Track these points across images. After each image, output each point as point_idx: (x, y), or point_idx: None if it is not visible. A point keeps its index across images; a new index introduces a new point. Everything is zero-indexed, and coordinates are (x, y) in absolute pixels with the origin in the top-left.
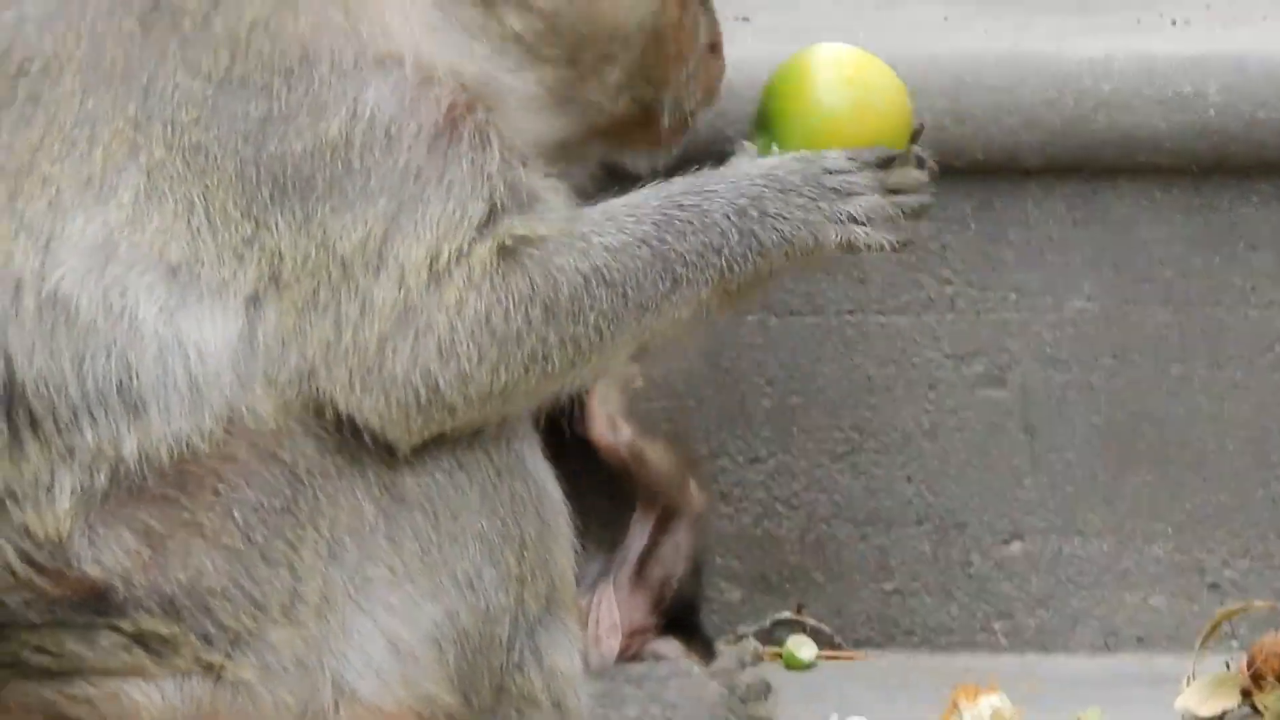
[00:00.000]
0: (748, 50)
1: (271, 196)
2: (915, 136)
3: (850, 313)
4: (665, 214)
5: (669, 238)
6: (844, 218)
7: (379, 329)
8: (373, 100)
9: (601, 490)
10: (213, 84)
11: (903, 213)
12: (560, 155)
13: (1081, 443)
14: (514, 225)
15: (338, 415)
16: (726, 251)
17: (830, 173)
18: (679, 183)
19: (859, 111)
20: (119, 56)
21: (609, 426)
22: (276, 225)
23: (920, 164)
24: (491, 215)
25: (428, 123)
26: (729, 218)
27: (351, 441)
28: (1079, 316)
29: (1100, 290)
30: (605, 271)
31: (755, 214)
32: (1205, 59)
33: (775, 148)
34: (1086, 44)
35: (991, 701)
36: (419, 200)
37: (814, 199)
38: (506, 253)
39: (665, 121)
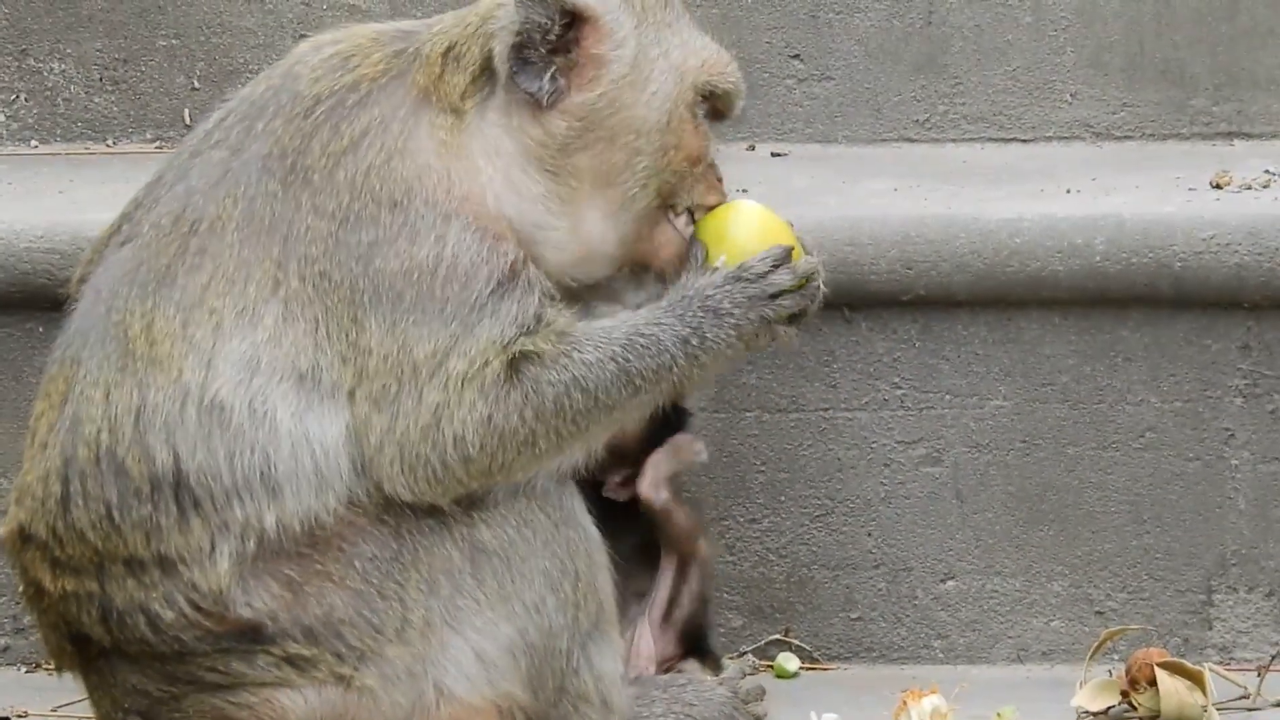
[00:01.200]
0: None
1: (370, 301)
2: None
3: (824, 410)
4: (629, 339)
5: (631, 358)
6: (768, 321)
7: (423, 421)
8: (454, 242)
9: (636, 552)
10: (335, 221)
11: (808, 306)
12: (588, 286)
13: (999, 506)
14: (524, 343)
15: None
16: (675, 369)
17: (757, 279)
18: (643, 312)
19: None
20: (265, 213)
21: (653, 487)
22: (370, 325)
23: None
24: (514, 339)
25: (496, 271)
26: (676, 344)
27: (438, 508)
28: (997, 412)
29: (1013, 392)
30: (582, 381)
31: (696, 341)
32: (1092, 218)
33: (723, 259)
34: (1002, 208)
35: (932, 701)
36: (477, 325)
37: (745, 311)
38: (510, 367)
39: (680, 209)
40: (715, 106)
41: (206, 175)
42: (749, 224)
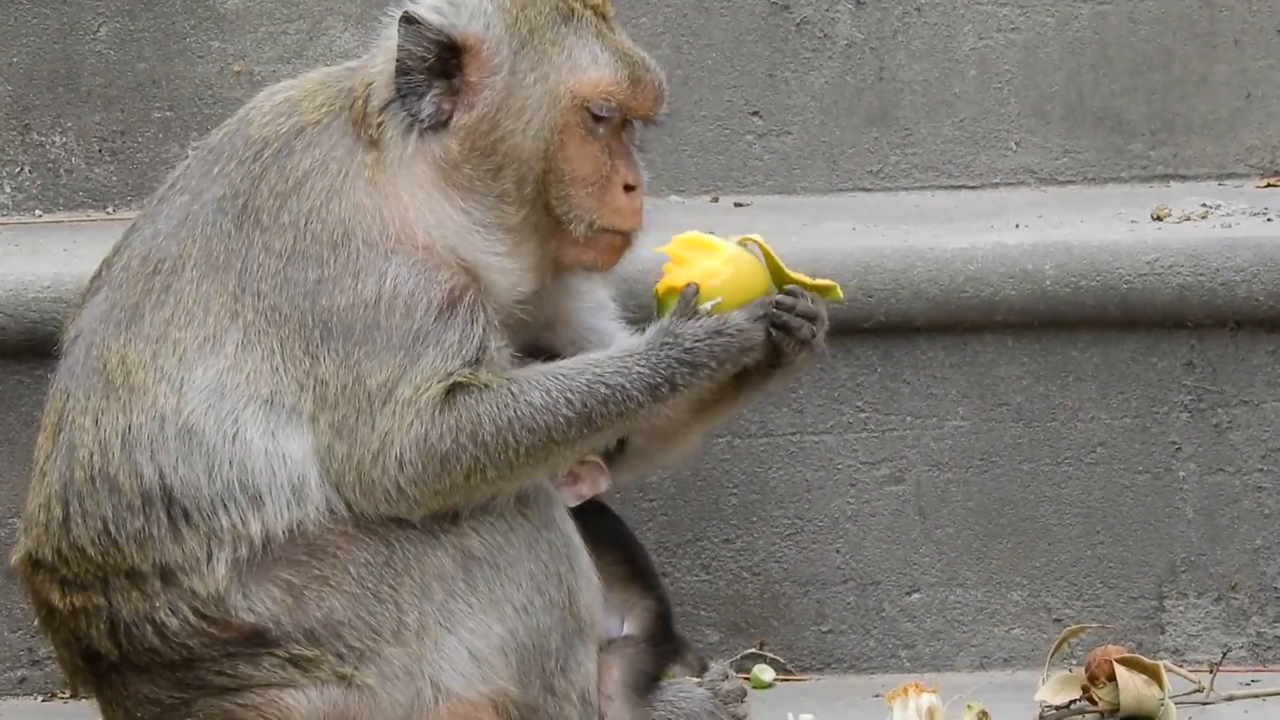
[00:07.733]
0: None
1: (322, 337)
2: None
3: (793, 434)
4: (591, 385)
5: (592, 403)
6: (739, 364)
7: (374, 446)
8: (394, 274)
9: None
10: (284, 260)
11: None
12: (533, 298)
13: (960, 521)
14: (463, 373)
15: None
16: (641, 413)
17: (738, 333)
18: (610, 359)
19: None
20: (221, 250)
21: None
22: (325, 359)
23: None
24: (457, 369)
25: (436, 298)
26: (644, 393)
27: (426, 519)
28: (956, 432)
29: (971, 413)
30: (527, 421)
31: (667, 389)
32: (1042, 246)
33: (708, 306)
34: (956, 239)
35: (929, 699)
36: (421, 355)
37: (721, 364)
38: (449, 394)
39: (575, 232)
40: (629, 118)
41: (170, 219)
42: (731, 269)
